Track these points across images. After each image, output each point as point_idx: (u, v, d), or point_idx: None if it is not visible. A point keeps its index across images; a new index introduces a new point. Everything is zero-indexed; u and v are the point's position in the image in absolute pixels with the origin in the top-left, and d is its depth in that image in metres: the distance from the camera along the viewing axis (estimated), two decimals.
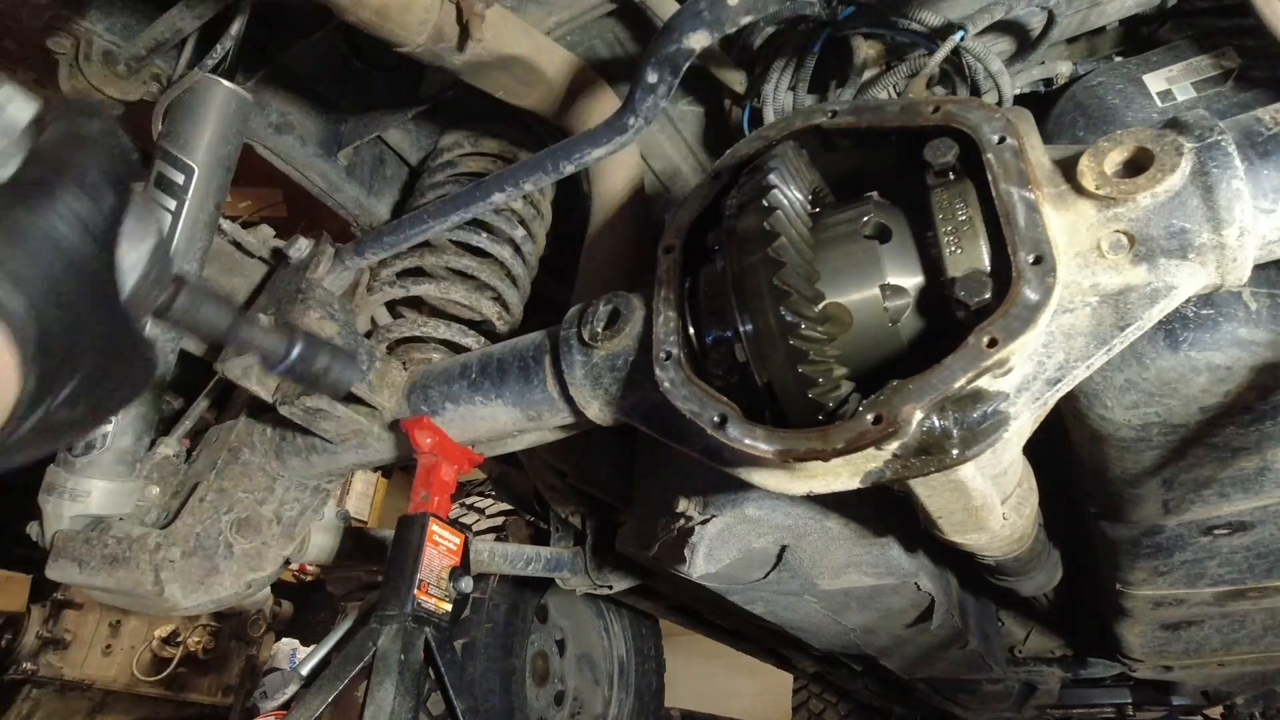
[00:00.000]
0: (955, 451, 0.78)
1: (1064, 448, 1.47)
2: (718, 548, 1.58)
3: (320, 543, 1.76)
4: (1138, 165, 0.81)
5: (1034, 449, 1.15)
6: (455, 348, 1.60)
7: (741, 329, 0.86)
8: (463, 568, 1.40)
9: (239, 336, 0.76)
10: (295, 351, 0.80)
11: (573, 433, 1.42)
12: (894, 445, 0.78)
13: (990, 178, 0.80)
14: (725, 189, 0.99)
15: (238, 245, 1.65)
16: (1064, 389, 0.79)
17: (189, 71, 1.45)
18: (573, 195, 1.96)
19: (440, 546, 1.36)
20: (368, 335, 1.58)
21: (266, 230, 1.72)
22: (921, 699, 3.20)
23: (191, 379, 1.74)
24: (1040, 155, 0.85)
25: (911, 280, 0.88)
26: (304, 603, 6.69)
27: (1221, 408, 1.17)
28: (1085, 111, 1.27)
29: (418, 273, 1.65)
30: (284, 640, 6.12)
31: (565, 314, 1.26)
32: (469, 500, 3.16)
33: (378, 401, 1.42)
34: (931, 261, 0.86)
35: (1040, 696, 2.92)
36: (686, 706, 4.45)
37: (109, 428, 1.48)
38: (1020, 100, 1.46)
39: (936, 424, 0.78)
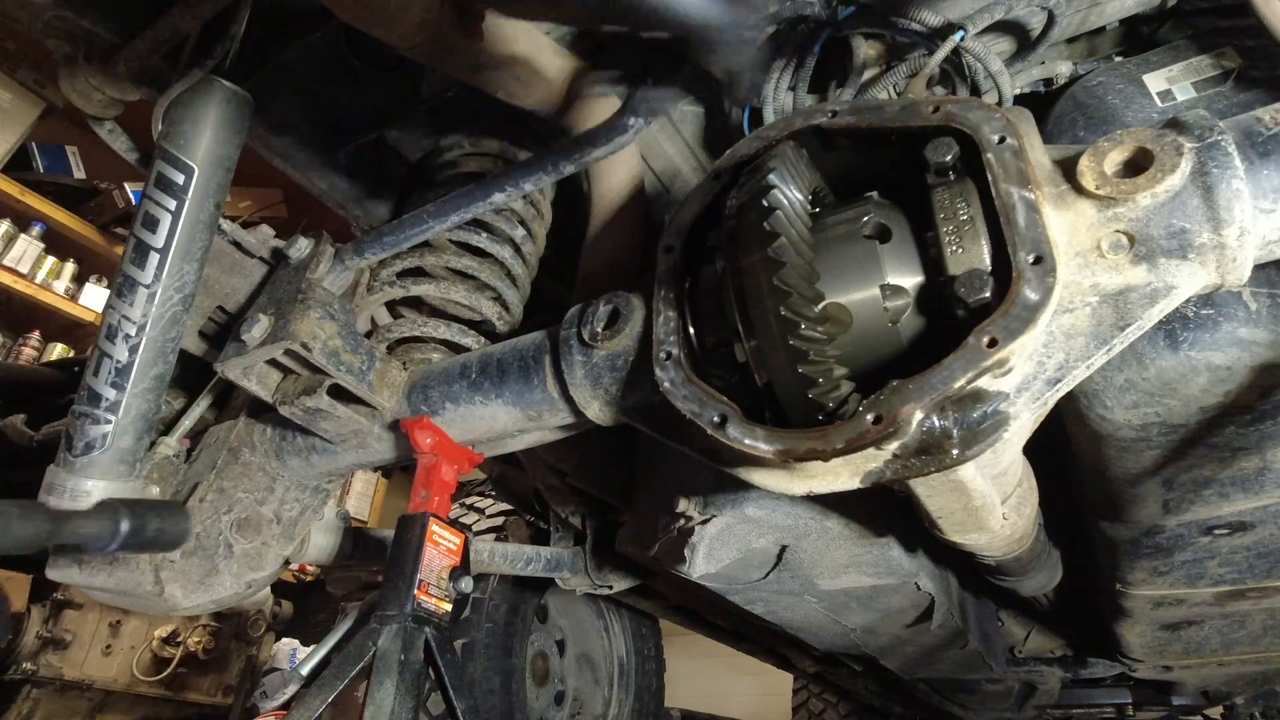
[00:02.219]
0: (955, 451, 0.78)
1: (1064, 448, 1.47)
2: (718, 548, 1.58)
3: (320, 543, 1.75)
4: (1138, 165, 0.81)
5: (1034, 449, 1.16)
6: (455, 348, 1.60)
7: (741, 329, 0.86)
8: (463, 568, 1.40)
9: (63, 537, 0.72)
10: (124, 527, 0.77)
11: (573, 433, 1.42)
12: (894, 445, 0.78)
13: (990, 177, 0.80)
14: (725, 189, 0.99)
15: (238, 245, 1.65)
16: (1064, 389, 0.79)
17: (189, 71, 1.45)
18: (573, 195, 1.96)
19: (440, 546, 1.36)
20: (368, 335, 1.58)
21: (266, 230, 1.72)
22: (921, 699, 3.20)
23: (191, 379, 1.74)
24: (1040, 155, 0.85)
25: (911, 280, 0.88)
26: (304, 603, 6.69)
27: (1221, 408, 1.17)
28: (1085, 111, 1.27)
29: (418, 273, 1.65)
30: (284, 640, 6.12)
31: (565, 314, 1.26)
32: (469, 500, 3.15)
33: (378, 401, 1.42)
34: (932, 261, 0.86)
35: (1040, 696, 2.92)
36: (686, 706, 4.45)
37: (108, 428, 1.48)
38: (1020, 100, 1.46)
39: (936, 424, 0.78)
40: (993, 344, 0.73)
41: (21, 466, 2.71)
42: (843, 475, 0.83)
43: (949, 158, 0.84)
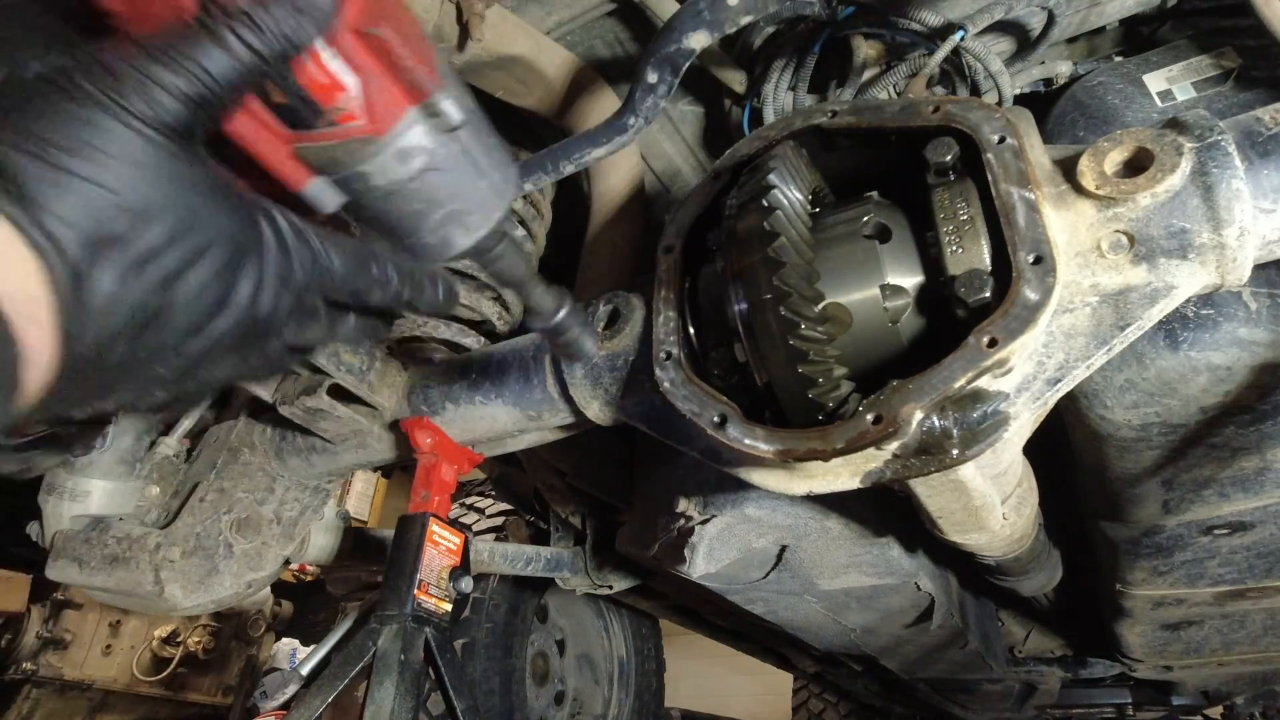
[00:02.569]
0: (955, 451, 0.78)
1: (1064, 448, 1.47)
2: (718, 548, 1.58)
3: (320, 543, 1.75)
4: (1138, 165, 0.81)
5: (1034, 449, 1.16)
6: (455, 347, 1.60)
7: (741, 329, 0.86)
8: (463, 568, 1.40)
9: (527, 289, 0.78)
10: (560, 315, 0.82)
11: (573, 433, 1.42)
12: (894, 445, 0.78)
13: (990, 178, 0.80)
14: (725, 189, 0.99)
15: None
16: (1064, 389, 0.79)
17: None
18: (573, 195, 1.96)
19: (440, 546, 1.36)
20: None
21: None
22: (921, 699, 3.20)
23: None
24: (1040, 155, 0.85)
25: (911, 280, 0.88)
26: (304, 603, 6.69)
27: (1221, 408, 1.17)
28: (1085, 111, 1.27)
29: None
30: (284, 640, 6.12)
31: None
32: (469, 500, 3.16)
33: (378, 401, 1.42)
34: (932, 261, 0.86)
35: (1040, 696, 2.92)
36: (686, 706, 4.45)
37: (109, 428, 1.48)
38: (1020, 100, 1.46)
39: (936, 424, 0.78)
40: (993, 344, 0.73)
41: None
42: (843, 475, 0.83)
43: (949, 158, 0.84)
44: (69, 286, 0.43)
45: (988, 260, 0.81)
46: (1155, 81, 1.25)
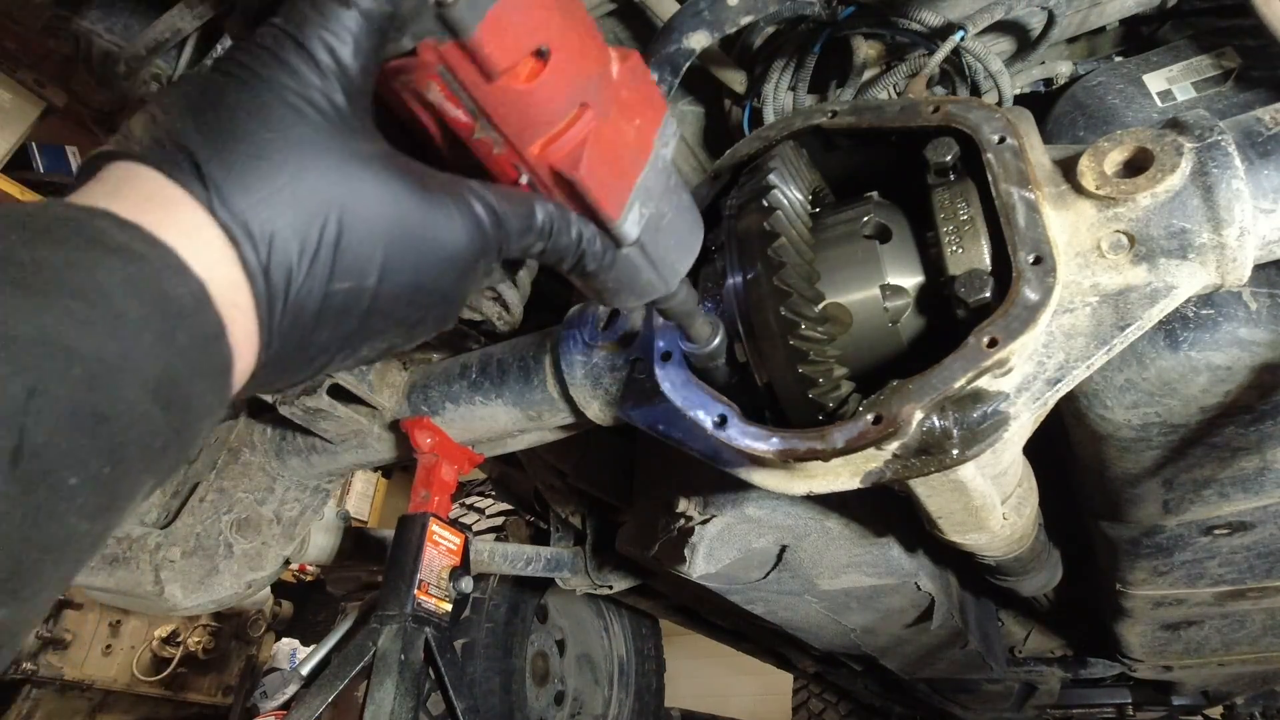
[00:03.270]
0: (955, 451, 0.78)
1: (1064, 448, 1.47)
2: (718, 548, 1.58)
3: (320, 543, 1.76)
4: (1138, 165, 0.81)
5: (1034, 449, 1.15)
6: (455, 348, 1.60)
7: (741, 329, 0.86)
8: (463, 568, 1.40)
9: (691, 322, 0.80)
10: (714, 344, 0.84)
11: (573, 433, 1.42)
12: (894, 445, 0.78)
13: (990, 178, 0.80)
14: (725, 189, 0.99)
15: None
16: (1064, 389, 0.79)
17: (189, 71, 1.45)
18: None
19: (440, 546, 1.36)
20: None
21: None
22: (921, 699, 3.20)
23: None
24: (1040, 155, 0.85)
25: (911, 280, 0.88)
26: (304, 603, 6.69)
27: (1221, 408, 1.16)
28: (1085, 111, 1.27)
29: None
30: (284, 640, 6.12)
31: (565, 314, 1.26)
32: (469, 500, 3.16)
33: (378, 401, 1.42)
34: (932, 261, 0.86)
35: (1040, 696, 2.92)
36: (686, 706, 4.45)
37: None
38: (1020, 100, 1.46)
39: (936, 424, 0.78)
40: (993, 344, 0.73)
41: None
42: (843, 475, 0.83)
43: (949, 158, 0.84)
44: (268, 277, 0.43)
45: (988, 260, 0.81)
46: (1155, 81, 1.25)
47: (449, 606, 1.36)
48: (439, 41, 0.48)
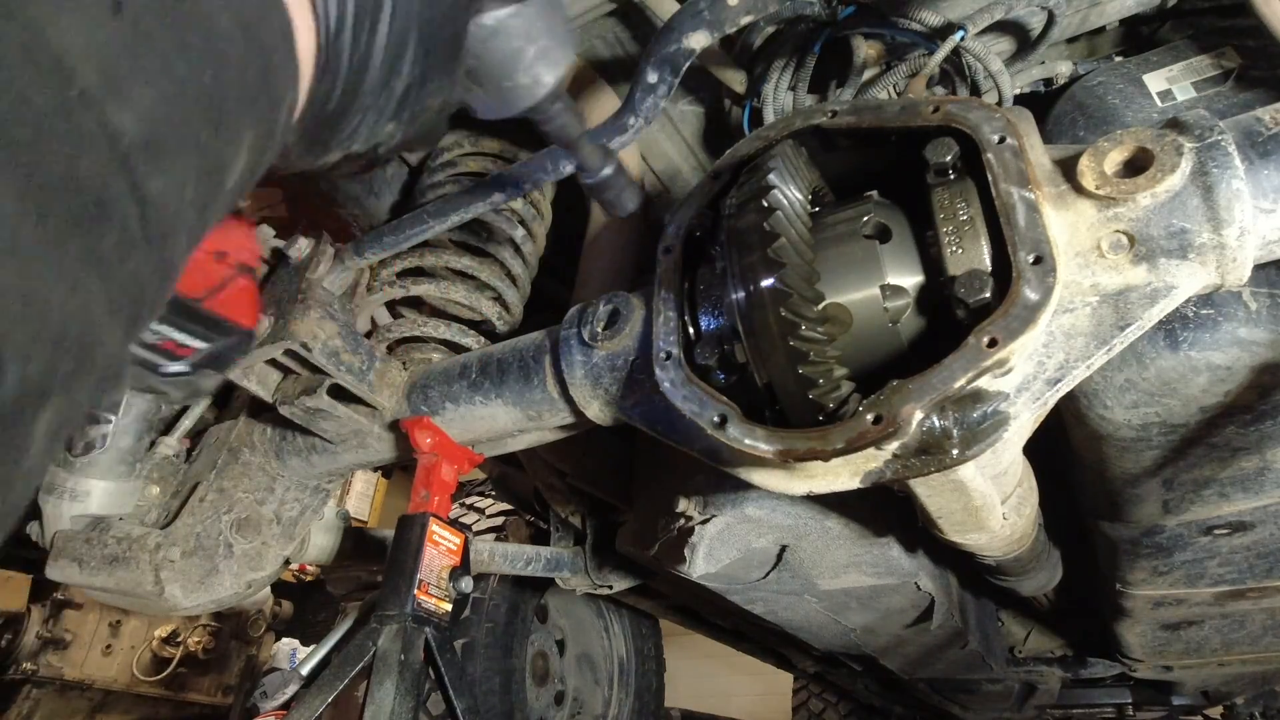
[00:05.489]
0: (955, 451, 0.78)
1: (1064, 448, 1.47)
2: (718, 548, 1.58)
3: (320, 543, 1.76)
4: (1138, 165, 0.81)
5: (1034, 449, 1.16)
6: (455, 348, 1.60)
7: (741, 329, 0.86)
8: (463, 568, 1.40)
9: (579, 146, 0.82)
10: (606, 171, 0.86)
11: (573, 433, 1.42)
12: (894, 445, 0.78)
13: (990, 177, 0.80)
14: (725, 189, 0.99)
15: None
16: (1064, 389, 0.79)
17: None
18: (573, 195, 1.96)
19: (440, 546, 1.36)
20: (368, 335, 1.58)
21: (266, 230, 1.72)
22: (921, 699, 3.20)
23: None
24: (1040, 155, 0.85)
25: (911, 280, 0.88)
26: (304, 603, 6.69)
27: (1221, 408, 1.17)
28: (1085, 111, 1.27)
29: (418, 272, 1.65)
30: (284, 640, 6.12)
31: (565, 314, 1.26)
32: (469, 500, 3.16)
33: (378, 401, 1.42)
34: (932, 261, 0.86)
35: (1040, 696, 2.92)
36: (686, 706, 4.45)
37: (108, 428, 1.48)
38: (1020, 100, 1.46)
39: (936, 424, 0.78)
40: (993, 344, 0.73)
41: None
42: (843, 475, 0.83)
43: (949, 158, 0.84)
44: None
45: (988, 260, 0.81)
46: (1155, 81, 1.25)
47: (449, 606, 1.36)
48: None
